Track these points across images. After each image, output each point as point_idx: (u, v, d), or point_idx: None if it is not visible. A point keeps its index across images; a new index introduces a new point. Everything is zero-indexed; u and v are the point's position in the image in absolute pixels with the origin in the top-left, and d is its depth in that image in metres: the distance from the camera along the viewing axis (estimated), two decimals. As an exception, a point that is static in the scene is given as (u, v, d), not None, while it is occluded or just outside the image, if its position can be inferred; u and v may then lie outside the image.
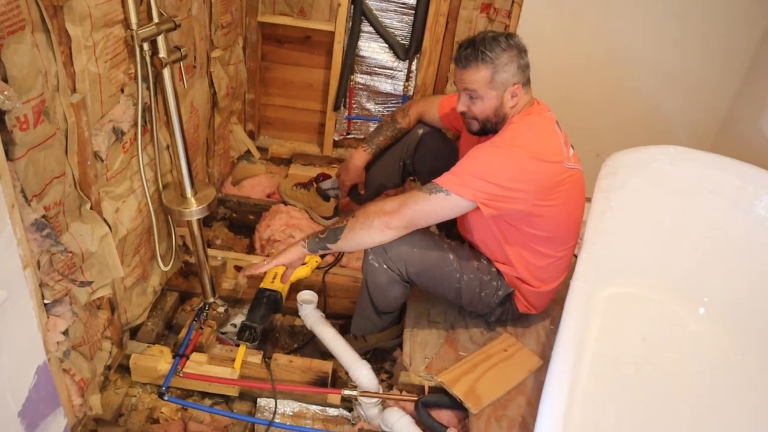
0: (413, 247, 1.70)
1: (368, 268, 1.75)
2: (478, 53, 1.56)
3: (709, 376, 1.76)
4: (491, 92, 1.60)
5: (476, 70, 1.57)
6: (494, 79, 1.58)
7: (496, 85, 1.59)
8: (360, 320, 1.89)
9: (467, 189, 1.53)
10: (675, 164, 1.97)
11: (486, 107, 1.62)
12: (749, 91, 2.41)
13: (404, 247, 1.69)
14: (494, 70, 1.57)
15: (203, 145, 2.10)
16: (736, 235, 1.91)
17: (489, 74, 1.57)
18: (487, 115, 1.64)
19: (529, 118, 1.63)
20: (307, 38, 2.51)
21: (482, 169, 1.54)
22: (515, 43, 1.59)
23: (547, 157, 1.57)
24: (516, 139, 1.58)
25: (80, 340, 1.41)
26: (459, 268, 1.73)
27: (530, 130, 1.61)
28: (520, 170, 1.55)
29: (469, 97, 1.63)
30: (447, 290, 1.77)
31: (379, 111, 2.67)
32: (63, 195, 1.25)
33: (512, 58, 1.57)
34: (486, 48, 1.56)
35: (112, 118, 1.40)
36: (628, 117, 2.57)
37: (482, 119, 1.65)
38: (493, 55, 1.55)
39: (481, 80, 1.58)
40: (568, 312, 1.40)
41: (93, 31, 1.25)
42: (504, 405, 1.67)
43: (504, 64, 1.57)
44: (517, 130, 1.61)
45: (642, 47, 2.44)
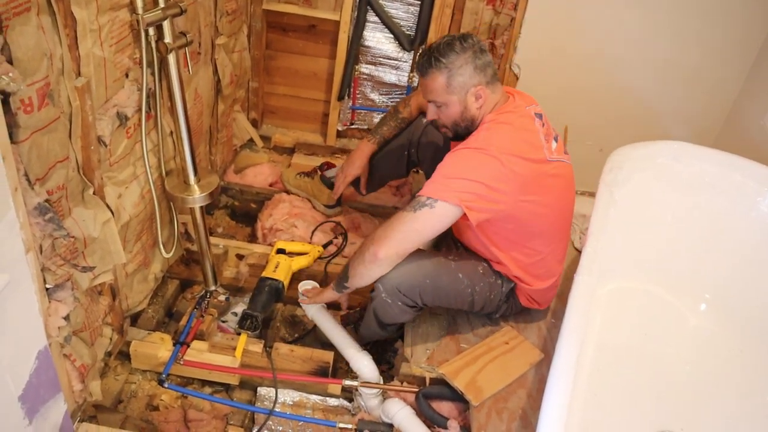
0: (425, 278, 1.67)
1: (379, 302, 1.70)
2: (432, 60, 1.56)
3: (710, 371, 1.76)
4: (452, 97, 1.59)
5: (433, 78, 1.57)
6: (451, 84, 1.57)
7: (454, 89, 1.58)
8: (367, 330, 1.87)
9: (450, 192, 1.49)
10: (679, 160, 1.97)
11: (451, 113, 1.62)
12: (753, 88, 2.40)
13: (416, 281, 1.66)
14: (449, 74, 1.56)
15: (206, 132, 2.09)
16: (738, 231, 1.91)
17: (445, 80, 1.57)
18: (454, 120, 1.63)
19: (501, 117, 1.60)
20: (312, 27, 2.49)
21: (461, 170, 1.52)
22: (471, 43, 1.57)
23: (524, 153, 1.54)
24: (490, 139, 1.55)
25: (81, 326, 1.40)
26: (470, 283, 1.72)
27: (502, 128, 1.58)
28: (498, 168, 1.51)
29: (435, 105, 1.63)
30: (461, 304, 1.78)
31: (383, 102, 2.66)
32: (66, 179, 1.24)
33: (467, 60, 1.56)
34: (440, 54, 1.55)
35: (116, 102, 1.39)
36: (632, 112, 2.56)
37: (451, 125, 1.65)
38: (446, 60, 1.55)
39: (439, 87, 1.58)
40: (571, 305, 1.39)
41: (99, 14, 1.24)
42: (505, 397, 1.68)
43: (458, 67, 1.55)
44: (489, 129, 1.59)
45: (647, 43, 2.43)
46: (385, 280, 1.65)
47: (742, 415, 1.64)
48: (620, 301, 1.88)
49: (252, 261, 2.09)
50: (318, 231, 2.24)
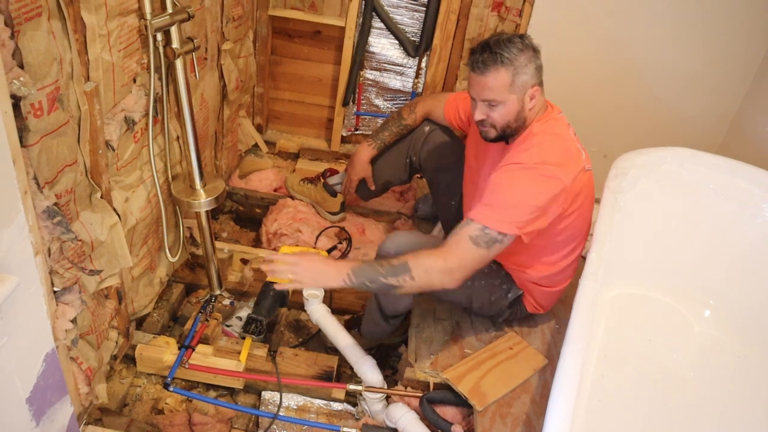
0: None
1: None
2: (497, 56, 1.48)
3: (714, 377, 1.76)
4: (512, 96, 1.53)
5: (496, 74, 1.49)
6: (515, 82, 1.51)
7: (516, 88, 1.52)
8: (369, 325, 1.88)
9: (511, 225, 1.49)
10: (684, 167, 1.97)
11: (507, 112, 1.55)
12: (758, 95, 2.40)
13: (412, 251, 1.67)
14: (514, 72, 1.50)
15: (212, 137, 2.10)
16: (743, 237, 1.91)
17: (509, 77, 1.50)
18: (508, 121, 1.56)
19: (549, 127, 1.60)
20: (318, 33, 2.51)
21: (521, 196, 1.51)
22: (530, 43, 1.53)
23: (574, 166, 1.56)
24: (544, 154, 1.54)
25: (88, 329, 1.41)
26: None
27: (555, 141, 1.58)
28: (556, 187, 1.52)
29: (487, 104, 1.55)
30: (458, 297, 1.77)
31: (388, 107, 2.67)
32: (74, 183, 1.25)
33: (530, 58, 1.51)
34: (503, 50, 1.49)
35: (124, 107, 1.41)
36: (636, 118, 2.56)
37: (502, 126, 1.58)
38: (511, 56, 1.49)
39: (502, 85, 1.51)
40: (577, 310, 1.40)
41: (108, 19, 1.25)
42: (508, 403, 1.67)
43: (523, 65, 1.50)
44: (542, 144, 1.56)
45: (651, 49, 2.44)
46: (382, 249, 1.70)
47: (747, 421, 1.64)
48: (624, 307, 1.88)
49: (256, 265, 2.09)
50: (322, 236, 2.24)
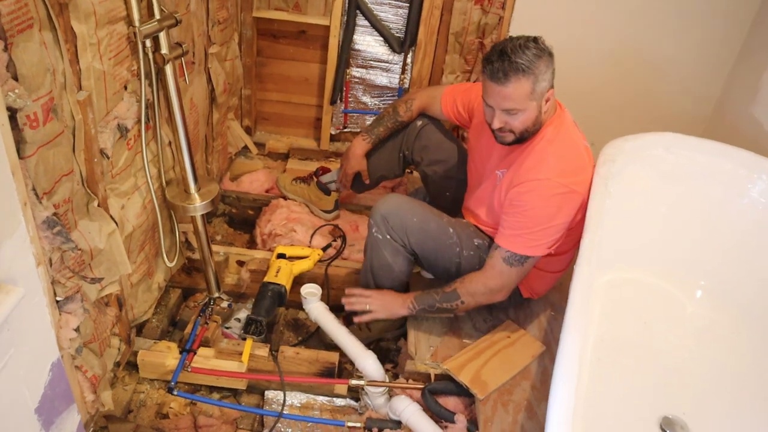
0: (413, 216, 1.75)
1: (372, 242, 1.78)
2: (518, 66, 1.45)
3: (709, 356, 1.79)
4: (532, 104, 1.52)
5: (517, 84, 1.47)
6: (535, 90, 1.50)
7: (536, 95, 1.51)
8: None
9: (540, 247, 1.64)
10: (670, 151, 2.00)
11: (526, 119, 1.55)
12: (739, 77, 2.44)
13: (404, 216, 1.75)
14: (535, 80, 1.48)
15: (202, 141, 2.10)
16: (731, 218, 1.94)
17: (530, 86, 1.48)
18: (527, 127, 1.57)
19: (563, 134, 1.64)
20: (302, 33, 2.51)
21: (545, 217, 1.60)
22: (545, 46, 1.51)
23: (587, 173, 1.66)
24: (563, 165, 1.61)
25: (91, 337, 1.42)
26: (459, 242, 1.76)
27: (570, 149, 1.64)
28: (576, 201, 1.62)
29: (506, 113, 1.54)
30: (448, 264, 1.79)
31: (376, 104, 2.68)
32: (71, 192, 1.25)
33: (547, 64, 1.50)
34: (521, 58, 1.45)
35: (116, 115, 1.41)
36: (621, 106, 2.59)
37: (521, 131, 1.58)
38: (531, 64, 1.46)
39: (523, 94, 1.49)
40: (574, 295, 1.42)
41: (97, 28, 1.26)
42: (509, 390, 1.70)
43: (543, 72, 1.49)
44: (559, 154, 1.61)
45: (634, 37, 2.47)
46: (375, 210, 1.77)
47: (742, 397, 1.67)
48: (618, 291, 1.91)
49: (253, 267, 2.10)
50: (317, 234, 2.26)
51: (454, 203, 2.01)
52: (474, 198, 1.86)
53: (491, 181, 1.77)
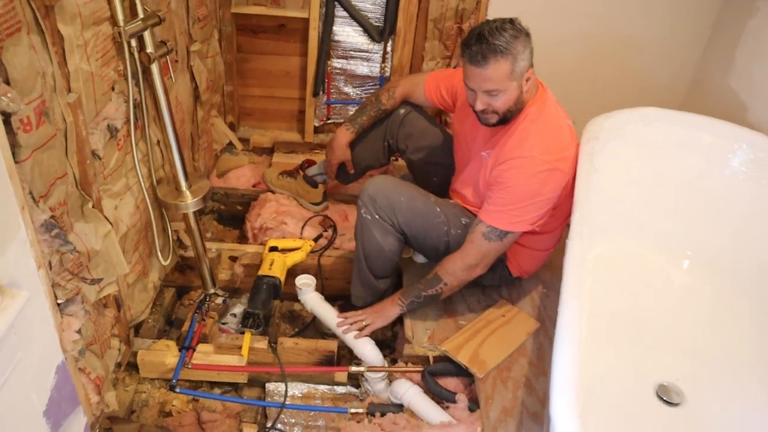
0: (401, 196, 1.78)
1: (362, 224, 1.81)
2: (495, 47, 1.49)
3: (699, 323, 1.84)
4: (512, 83, 1.55)
5: (496, 66, 1.51)
6: (514, 70, 1.53)
7: (515, 75, 1.55)
8: (359, 288, 1.93)
9: (522, 223, 1.67)
10: (651, 125, 2.04)
11: (508, 99, 1.59)
12: (715, 51, 2.48)
13: (392, 196, 1.77)
14: (513, 60, 1.52)
15: (188, 139, 2.10)
16: (713, 188, 1.99)
17: (509, 66, 1.52)
18: (509, 107, 1.61)
19: (545, 112, 1.67)
20: (282, 27, 2.51)
21: (529, 192, 1.64)
22: (521, 27, 1.55)
23: (571, 151, 1.69)
24: (547, 144, 1.64)
25: (92, 339, 1.42)
26: (446, 221, 1.79)
27: (553, 128, 1.68)
28: (561, 179, 1.66)
29: (488, 94, 1.58)
30: (437, 243, 1.82)
31: (358, 94, 2.69)
32: (66, 195, 1.26)
33: (525, 44, 1.53)
34: (499, 39, 1.49)
35: (106, 115, 1.41)
36: (601, 84, 2.63)
37: (504, 111, 1.62)
38: (508, 45, 1.50)
39: (503, 75, 1.53)
40: (568, 269, 1.46)
41: (83, 29, 1.26)
42: (508, 367, 1.74)
43: (520, 52, 1.52)
44: (542, 133, 1.65)
45: (609, 16, 2.49)
46: (363, 192, 1.79)
47: (733, 361, 1.73)
48: (607, 264, 1.95)
49: (246, 261, 2.11)
50: (307, 226, 2.27)
51: (441, 188, 2.03)
52: (460, 180, 1.89)
53: (477, 162, 1.80)
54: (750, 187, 1.91)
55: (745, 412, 1.59)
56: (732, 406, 1.60)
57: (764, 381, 1.65)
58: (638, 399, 1.63)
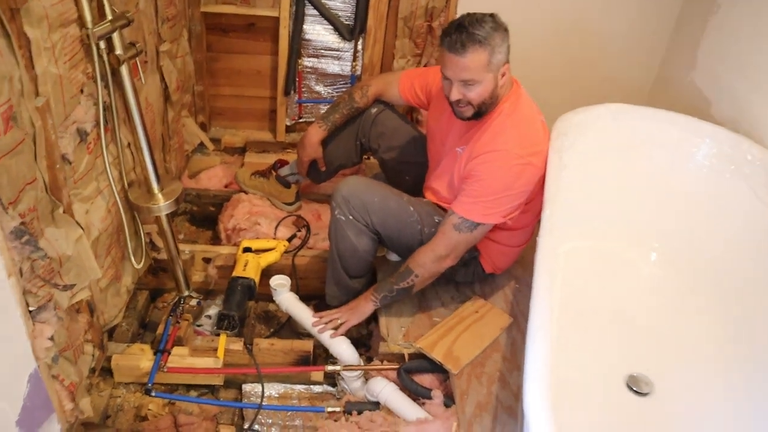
0: (374, 196, 1.79)
1: (336, 225, 1.81)
2: (474, 36, 1.52)
3: (667, 314, 1.89)
4: (488, 75, 1.58)
5: (474, 55, 1.53)
6: (491, 61, 1.56)
7: (492, 67, 1.57)
8: (333, 288, 1.94)
9: (495, 215, 1.69)
10: (618, 120, 2.08)
11: (483, 91, 1.61)
12: (678, 47, 2.54)
13: (365, 197, 1.78)
14: (491, 51, 1.55)
15: (159, 140, 2.08)
16: (679, 182, 2.04)
17: (487, 56, 1.55)
18: (484, 99, 1.63)
19: (519, 108, 1.70)
20: (252, 25, 2.50)
21: (502, 185, 1.67)
22: (500, 22, 1.58)
23: (544, 146, 1.73)
24: (520, 139, 1.67)
25: (65, 345, 1.40)
26: (419, 219, 1.81)
27: (526, 123, 1.71)
28: (533, 174, 1.69)
29: (464, 84, 1.60)
30: (411, 241, 1.83)
31: (329, 93, 2.69)
32: (36, 201, 1.24)
33: (503, 37, 1.57)
34: (478, 30, 1.52)
35: (75, 119, 1.39)
36: (568, 81, 2.66)
37: (478, 103, 1.64)
38: (487, 36, 1.53)
39: (480, 64, 1.55)
40: (539, 265, 1.48)
41: (50, 32, 1.24)
42: (482, 362, 1.76)
43: (498, 44, 1.55)
44: (517, 127, 1.68)
45: (575, 14, 2.53)
46: (336, 193, 1.79)
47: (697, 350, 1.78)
48: (578, 259, 1.98)
49: (220, 263, 2.10)
50: (281, 226, 2.26)
51: (414, 187, 2.04)
52: (435, 176, 1.91)
53: (452, 157, 1.81)
54: (713, 180, 1.96)
55: (710, 401, 1.64)
56: (698, 394, 1.66)
57: (728, 369, 1.70)
58: (609, 390, 1.67)
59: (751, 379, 1.63)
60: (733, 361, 1.71)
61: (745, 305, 1.78)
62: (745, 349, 1.71)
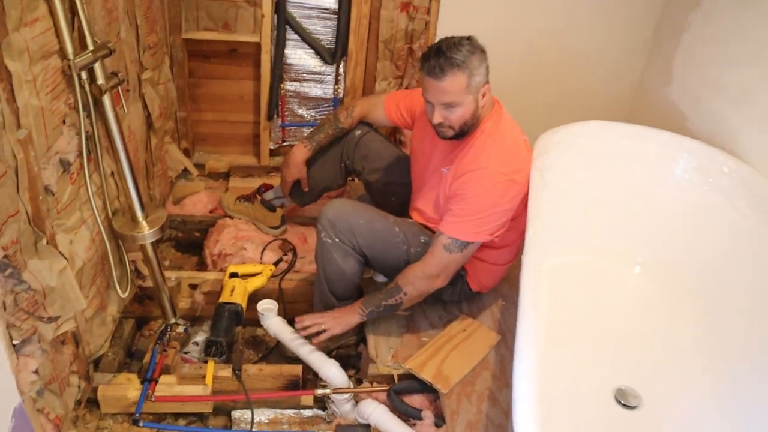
0: (359, 218, 1.79)
1: (322, 247, 1.81)
2: (452, 60, 1.55)
3: (653, 326, 1.91)
4: (468, 97, 1.61)
5: (453, 78, 1.57)
6: (470, 84, 1.59)
7: (472, 89, 1.60)
8: (321, 310, 1.93)
9: (481, 234, 1.71)
10: (598, 138, 2.12)
11: (464, 113, 1.64)
12: (655, 64, 2.59)
13: (350, 219, 1.79)
14: (470, 74, 1.58)
15: (143, 168, 2.08)
16: (659, 195, 2.07)
17: (466, 79, 1.58)
18: (465, 120, 1.66)
19: (501, 128, 1.73)
20: (233, 51, 2.51)
21: (487, 204, 1.68)
22: (478, 44, 1.62)
23: (527, 163, 1.75)
24: (503, 157, 1.70)
25: (50, 378, 1.39)
26: (405, 240, 1.82)
27: (508, 142, 1.73)
28: (518, 192, 1.71)
29: (445, 107, 1.63)
30: (397, 262, 1.84)
31: (312, 116, 2.71)
32: (19, 233, 1.23)
33: (481, 59, 1.60)
34: (456, 54, 1.56)
35: (57, 149, 1.39)
36: (548, 100, 2.70)
37: (460, 125, 1.67)
38: (465, 59, 1.56)
39: (459, 88, 1.58)
40: (524, 283, 1.49)
41: (32, 64, 1.24)
42: (471, 381, 1.76)
43: (477, 66, 1.59)
44: (499, 146, 1.70)
45: (553, 32, 2.58)
46: (322, 216, 1.80)
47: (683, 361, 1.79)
48: (561, 275, 2.00)
49: (206, 289, 2.09)
50: (267, 250, 2.26)
51: (400, 207, 2.06)
52: (421, 197, 1.92)
53: (437, 178, 1.83)
54: (693, 193, 2.00)
55: (698, 412, 1.65)
56: (686, 406, 1.67)
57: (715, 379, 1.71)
58: (598, 404, 1.68)
59: (739, 389, 1.65)
60: (719, 371, 1.72)
61: (730, 314, 1.81)
62: (731, 358, 1.73)
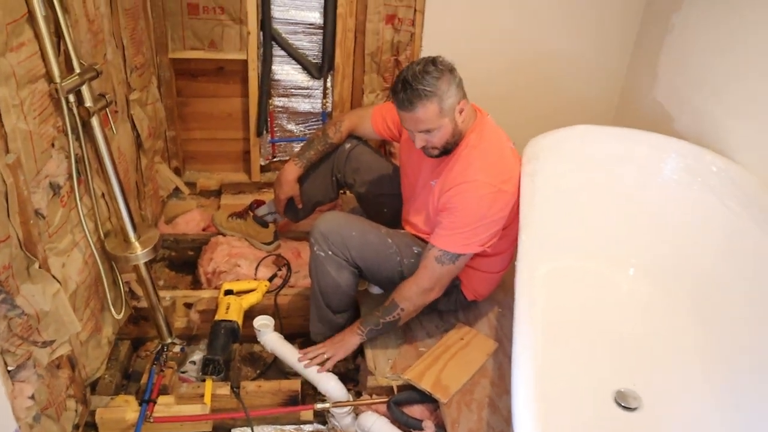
0: (352, 230, 1.80)
1: (316, 261, 1.82)
2: (418, 92, 1.56)
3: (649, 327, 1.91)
4: (444, 120, 1.62)
5: (424, 109, 1.58)
6: (443, 108, 1.60)
7: (446, 112, 1.61)
8: (317, 325, 1.94)
9: (473, 245, 1.72)
10: (585, 142, 2.13)
11: (443, 135, 1.66)
12: (639, 66, 2.62)
13: (343, 231, 1.79)
14: (440, 101, 1.59)
15: (134, 188, 2.08)
16: (648, 196, 2.09)
17: (437, 107, 1.59)
18: (446, 140, 1.68)
19: (486, 138, 1.73)
20: (221, 69, 2.52)
21: (476, 216, 1.69)
22: (443, 64, 1.62)
23: (515, 172, 1.76)
24: (491, 168, 1.70)
25: (46, 403, 1.38)
26: (398, 251, 1.82)
27: (495, 152, 1.74)
28: (507, 200, 1.72)
29: (425, 133, 1.65)
30: (391, 273, 1.84)
31: (301, 131, 2.72)
32: (11, 258, 1.23)
33: (449, 81, 1.60)
34: (421, 84, 1.56)
35: (47, 173, 1.39)
36: (535, 106, 2.72)
37: (442, 146, 1.70)
38: (432, 87, 1.56)
39: (432, 115, 1.60)
40: (520, 289, 1.50)
41: (19, 89, 1.24)
42: (470, 390, 1.76)
43: (445, 91, 1.59)
44: (485, 158, 1.71)
45: (538, 40, 2.61)
46: (314, 229, 1.80)
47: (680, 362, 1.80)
48: (556, 280, 2.01)
49: (201, 307, 2.09)
50: (261, 266, 2.26)
51: (392, 219, 2.06)
52: (412, 209, 1.93)
53: (426, 190, 1.84)
54: (682, 193, 2.01)
55: (698, 412, 1.65)
56: (685, 406, 1.67)
57: (713, 379, 1.72)
58: (598, 406, 1.67)
59: (737, 388, 1.65)
60: (719, 371, 1.73)
61: (727, 313, 1.81)
62: (730, 358, 1.73)
